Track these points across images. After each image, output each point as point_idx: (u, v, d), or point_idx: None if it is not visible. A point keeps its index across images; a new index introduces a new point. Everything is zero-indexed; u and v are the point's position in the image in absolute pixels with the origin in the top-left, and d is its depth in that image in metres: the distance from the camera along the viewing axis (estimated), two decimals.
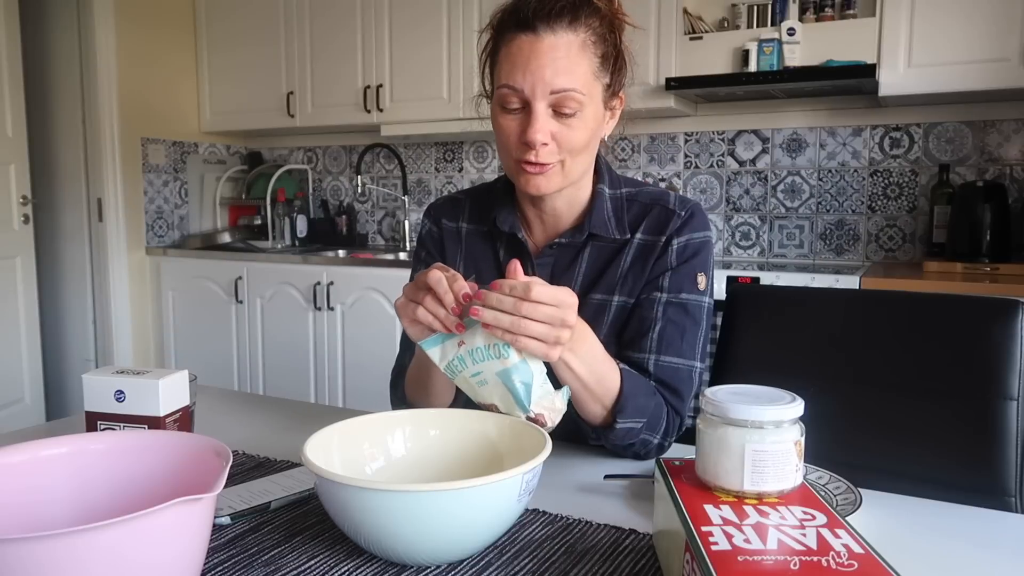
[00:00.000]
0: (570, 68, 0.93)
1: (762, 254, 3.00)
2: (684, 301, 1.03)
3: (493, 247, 1.12)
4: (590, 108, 0.96)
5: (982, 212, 2.45)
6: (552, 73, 0.92)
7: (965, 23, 2.35)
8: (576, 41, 0.93)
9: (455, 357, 0.85)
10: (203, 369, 3.40)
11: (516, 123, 0.96)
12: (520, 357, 0.83)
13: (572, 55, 0.93)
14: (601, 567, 0.69)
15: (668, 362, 1.02)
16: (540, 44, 0.93)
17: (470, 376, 0.85)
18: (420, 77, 3.21)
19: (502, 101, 0.97)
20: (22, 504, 0.66)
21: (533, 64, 0.93)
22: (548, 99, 0.94)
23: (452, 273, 0.85)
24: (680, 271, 1.03)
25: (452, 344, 0.85)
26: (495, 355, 0.83)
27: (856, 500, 0.80)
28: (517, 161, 0.98)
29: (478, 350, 0.83)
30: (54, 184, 3.58)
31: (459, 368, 0.85)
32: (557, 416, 0.86)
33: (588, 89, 0.95)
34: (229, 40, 3.66)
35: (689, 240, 1.04)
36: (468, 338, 0.84)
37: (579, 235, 1.06)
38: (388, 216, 3.78)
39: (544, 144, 0.95)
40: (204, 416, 1.14)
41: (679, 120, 3.06)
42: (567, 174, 0.99)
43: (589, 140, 0.98)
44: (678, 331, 1.02)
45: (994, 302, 1.10)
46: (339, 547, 0.73)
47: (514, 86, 0.94)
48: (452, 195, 1.19)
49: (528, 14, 0.93)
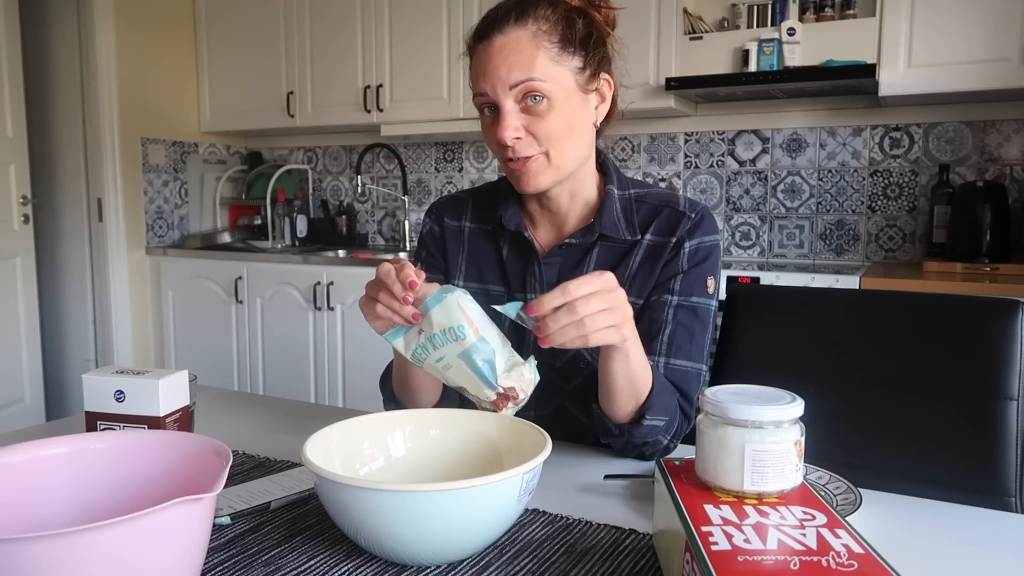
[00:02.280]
0: (522, 61, 0.95)
1: (762, 254, 3.00)
2: (694, 305, 1.03)
3: (496, 246, 1.12)
4: (559, 94, 0.96)
5: (982, 212, 2.45)
6: (507, 69, 0.95)
7: (965, 23, 2.35)
8: (525, 34, 0.95)
9: (418, 346, 0.86)
10: (203, 369, 3.39)
11: (494, 128, 0.98)
12: (476, 336, 0.84)
13: (522, 47, 0.95)
14: (601, 567, 0.69)
15: (678, 365, 1.02)
16: (492, 47, 0.96)
17: (435, 362, 0.86)
18: (420, 77, 3.21)
19: (479, 109, 1.00)
20: (22, 504, 0.66)
21: (489, 66, 0.96)
22: (510, 95, 0.96)
23: (401, 262, 0.86)
24: (691, 275, 1.04)
25: (413, 333, 0.87)
26: (452, 338, 0.84)
27: (856, 500, 0.80)
28: (504, 161, 1.01)
29: (436, 336, 0.84)
30: (54, 184, 3.58)
31: (423, 356, 0.86)
32: (529, 387, 0.86)
33: (549, 75, 0.96)
34: (229, 40, 3.66)
35: (700, 244, 1.05)
36: (426, 326, 0.85)
37: (589, 236, 1.06)
38: (388, 216, 3.78)
39: (517, 139, 0.97)
40: (204, 416, 1.14)
41: (679, 120, 3.06)
42: (557, 166, 0.99)
43: (570, 127, 0.98)
44: (688, 334, 1.02)
45: (994, 302, 1.10)
46: (339, 547, 0.73)
47: (478, 91, 0.98)
48: (455, 194, 1.19)
49: (483, 27, 0.98)
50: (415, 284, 0.84)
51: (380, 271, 0.86)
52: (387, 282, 0.85)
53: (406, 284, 0.84)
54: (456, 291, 0.85)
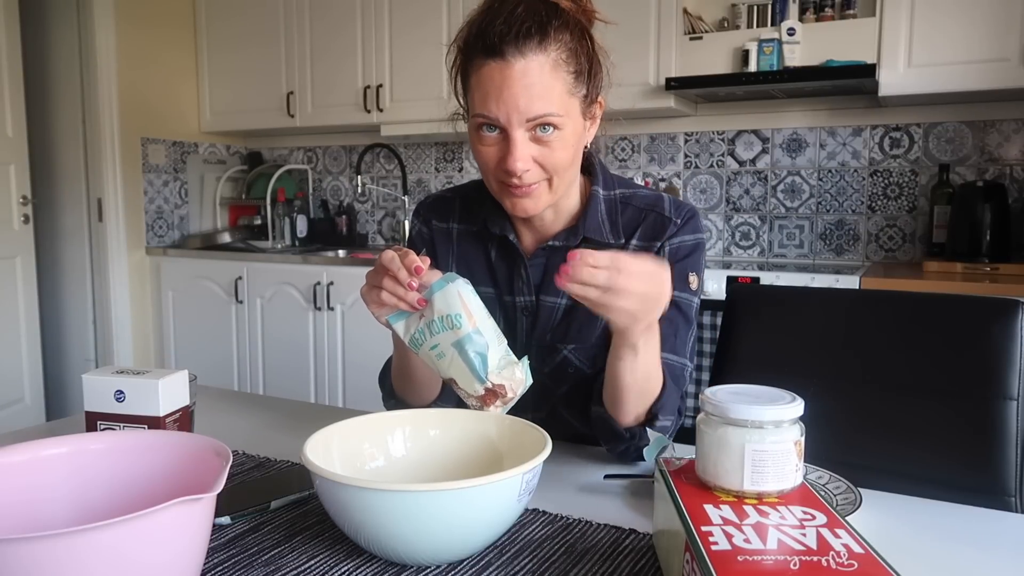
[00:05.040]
0: (544, 93, 0.90)
1: (762, 254, 3.00)
2: (676, 299, 1.02)
3: (485, 248, 1.11)
4: (569, 127, 0.94)
5: (982, 212, 2.45)
6: (527, 101, 0.90)
7: (965, 23, 2.35)
8: (547, 62, 0.90)
9: (416, 331, 0.86)
10: (203, 369, 3.39)
11: (495, 150, 0.94)
12: (472, 327, 0.83)
13: (545, 79, 0.90)
14: (601, 567, 0.69)
15: (664, 358, 1.01)
16: (511, 71, 0.89)
17: (430, 349, 0.86)
18: (420, 77, 3.21)
19: (478, 129, 0.95)
20: (22, 504, 0.66)
21: (506, 93, 0.90)
22: (525, 126, 0.91)
23: (403, 250, 0.85)
24: (672, 271, 1.03)
25: (414, 318, 0.87)
26: (449, 326, 0.83)
27: (856, 500, 0.80)
28: (500, 183, 0.97)
29: (434, 323, 0.84)
30: (54, 184, 3.58)
31: (420, 341, 0.86)
32: (519, 387, 0.86)
33: (565, 109, 0.92)
34: (229, 40, 3.66)
35: (681, 243, 1.04)
36: (427, 311, 0.85)
37: (573, 238, 1.05)
38: (388, 216, 3.78)
39: (526, 170, 0.93)
40: (204, 416, 1.14)
41: (679, 120, 3.06)
42: (555, 191, 0.98)
43: (573, 156, 0.97)
44: (671, 328, 1.01)
45: (994, 302, 1.10)
46: (339, 547, 0.73)
47: (488, 116, 0.92)
48: (441, 194, 1.17)
49: (494, 39, 0.89)
50: (420, 269, 0.83)
51: (383, 258, 0.85)
52: (392, 268, 0.84)
53: (411, 270, 0.83)
54: (458, 280, 0.85)
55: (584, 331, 1.04)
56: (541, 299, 1.06)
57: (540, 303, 1.06)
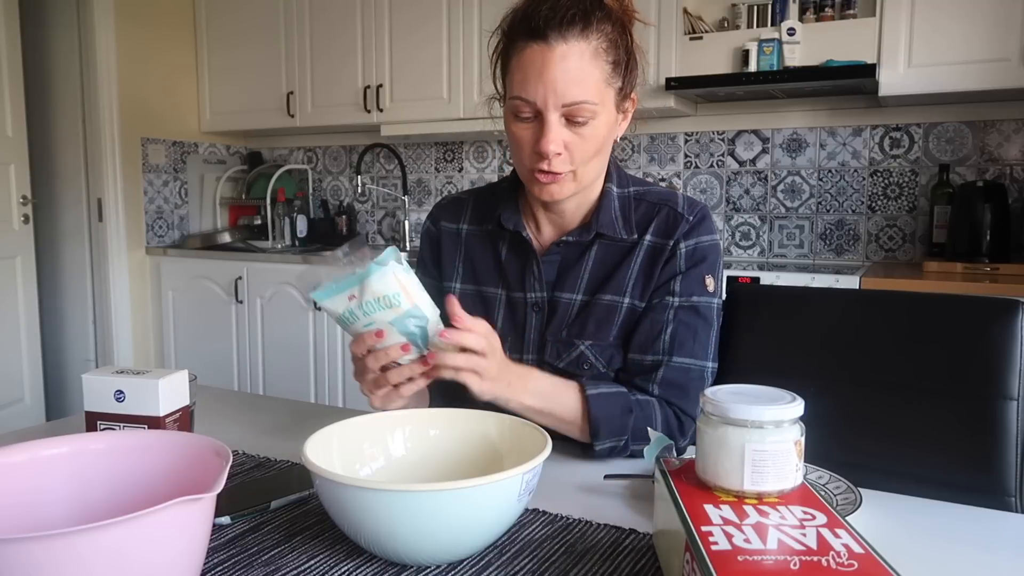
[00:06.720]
0: (582, 79, 0.92)
1: (762, 254, 3.00)
2: (695, 304, 1.04)
3: (494, 248, 1.12)
4: (603, 116, 0.96)
5: (982, 212, 2.45)
6: (564, 85, 0.92)
7: (965, 23, 2.35)
8: (588, 50, 0.92)
9: (346, 310, 0.88)
10: (203, 369, 3.39)
11: (529, 132, 0.96)
12: (412, 304, 0.86)
13: (584, 65, 0.92)
14: (601, 567, 0.69)
15: (679, 363, 1.03)
16: (551, 54, 0.92)
17: (363, 327, 0.88)
18: (420, 77, 3.21)
19: (515, 110, 0.97)
20: (22, 504, 0.66)
21: (545, 76, 0.92)
22: (560, 110, 0.93)
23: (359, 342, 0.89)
24: (690, 275, 1.04)
25: (343, 298, 0.88)
26: (386, 305, 0.86)
27: (856, 500, 0.80)
28: (531, 170, 0.99)
29: (368, 303, 0.86)
30: (54, 184, 3.58)
31: (350, 319, 0.89)
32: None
33: (600, 98, 0.94)
34: (229, 40, 3.66)
35: (697, 244, 1.05)
36: (358, 293, 0.87)
37: (586, 234, 1.06)
38: (388, 216, 3.78)
39: (557, 154, 0.95)
40: (204, 416, 1.14)
41: (679, 120, 3.06)
42: (580, 180, 1.00)
43: (602, 146, 0.99)
44: (690, 332, 1.03)
45: (994, 302, 1.10)
46: (339, 547, 0.73)
47: (526, 98, 0.94)
48: (456, 195, 1.19)
49: (539, 22, 0.92)
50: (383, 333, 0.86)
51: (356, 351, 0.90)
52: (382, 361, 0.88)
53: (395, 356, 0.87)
54: (391, 262, 0.87)
55: (602, 328, 1.05)
56: (556, 294, 1.08)
57: (555, 298, 1.08)
